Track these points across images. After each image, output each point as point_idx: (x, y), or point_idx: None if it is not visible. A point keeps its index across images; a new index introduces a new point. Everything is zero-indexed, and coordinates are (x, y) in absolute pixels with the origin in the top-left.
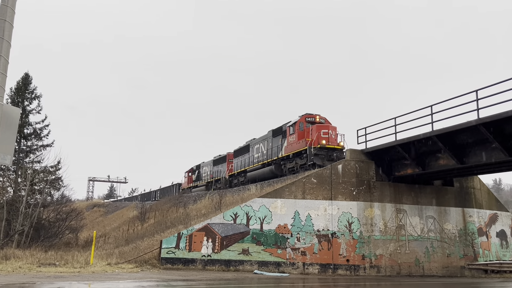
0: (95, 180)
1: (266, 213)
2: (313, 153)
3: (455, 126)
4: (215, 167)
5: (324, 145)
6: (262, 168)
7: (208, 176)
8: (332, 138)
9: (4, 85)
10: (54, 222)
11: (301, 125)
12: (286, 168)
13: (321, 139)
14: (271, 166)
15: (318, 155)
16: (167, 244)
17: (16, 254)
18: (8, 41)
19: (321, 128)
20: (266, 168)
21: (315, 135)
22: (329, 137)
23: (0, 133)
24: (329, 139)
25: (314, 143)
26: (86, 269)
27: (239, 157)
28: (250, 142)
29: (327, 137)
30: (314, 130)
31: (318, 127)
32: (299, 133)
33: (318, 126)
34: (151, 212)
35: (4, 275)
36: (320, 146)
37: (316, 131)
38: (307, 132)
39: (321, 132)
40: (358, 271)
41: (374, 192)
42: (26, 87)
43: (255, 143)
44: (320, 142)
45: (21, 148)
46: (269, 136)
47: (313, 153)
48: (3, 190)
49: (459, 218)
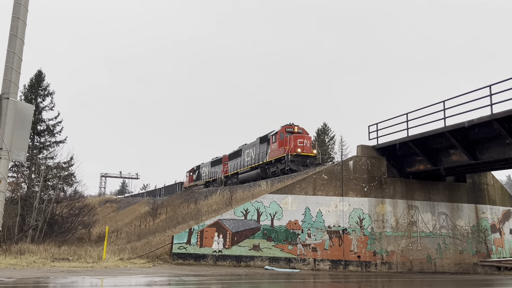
0: (107, 176)
1: (276, 209)
2: (290, 160)
3: (468, 122)
4: (212, 168)
5: (299, 153)
6: (250, 171)
7: (206, 176)
8: (306, 147)
9: (18, 82)
10: (67, 218)
11: (281, 135)
12: (270, 171)
13: (297, 148)
14: (258, 170)
15: (294, 161)
16: (179, 240)
17: (30, 249)
18: (21, 38)
19: (298, 138)
20: (253, 171)
21: (292, 144)
22: (304, 146)
23: (14, 130)
24: (304, 147)
25: (291, 151)
26: (99, 264)
27: (232, 160)
28: (242, 147)
29: (302, 145)
30: (292, 140)
31: (295, 137)
32: (280, 142)
33: (295, 136)
34: (163, 208)
35: (19, 269)
36: (296, 153)
37: (293, 141)
38: (286, 141)
39: (297, 141)
40: (369, 268)
41: (385, 188)
42: (39, 84)
43: (246, 148)
44: (296, 150)
45: (35, 145)
46: (257, 142)
47: (289, 159)
48: (18, 186)
49: (472, 215)
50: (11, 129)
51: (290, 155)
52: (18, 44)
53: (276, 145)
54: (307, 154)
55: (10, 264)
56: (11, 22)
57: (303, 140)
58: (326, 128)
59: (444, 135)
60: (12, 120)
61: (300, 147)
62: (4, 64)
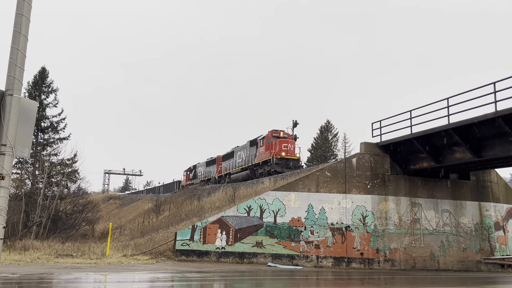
0: (111, 172)
1: (279, 206)
2: (275, 162)
3: (472, 119)
4: (207, 167)
5: (283, 156)
6: (241, 172)
7: (202, 175)
8: (290, 151)
9: (21, 79)
10: (71, 214)
11: (268, 139)
12: (258, 172)
13: (282, 151)
14: (247, 171)
15: (279, 164)
16: (182, 236)
17: (34, 245)
18: (25, 35)
19: (282, 142)
20: (244, 172)
21: (277, 148)
22: (288, 150)
23: (18, 126)
24: (288, 151)
25: (276, 154)
26: (102, 261)
27: (226, 161)
28: (234, 149)
29: (286, 149)
30: (277, 144)
31: (280, 142)
32: (267, 146)
33: (280, 140)
34: (166, 205)
35: (23, 265)
36: (281, 157)
37: (278, 145)
38: (272, 145)
39: (282, 145)
40: (372, 265)
41: (388, 186)
42: (43, 81)
43: (238, 150)
44: (280, 154)
45: (39, 141)
46: (247, 145)
47: (275, 162)
48: (22, 183)
49: (475, 212)
50: (15, 125)
51: (275, 158)
52: (21, 41)
53: (263, 148)
54: (291, 157)
55: (14, 260)
56: (14, 18)
57: (287, 145)
58: (329, 125)
59: (448, 132)
60: (16, 117)
61: (284, 151)
62: (8, 61)
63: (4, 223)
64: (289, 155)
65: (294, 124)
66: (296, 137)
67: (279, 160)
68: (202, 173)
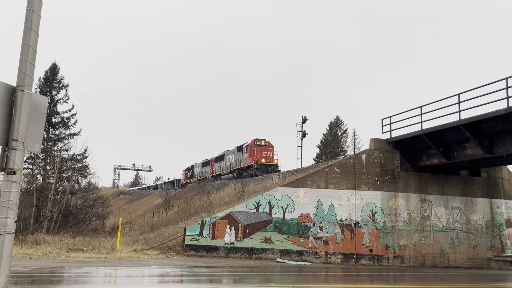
0: (121, 168)
1: (288, 202)
2: (256, 168)
3: (483, 115)
4: (203, 168)
5: (263, 163)
6: (229, 174)
7: (198, 175)
8: (269, 157)
9: (32, 75)
10: (82, 209)
11: (251, 147)
12: (243, 175)
13: (262, 158)
14: (235, 173)
15: (259, 169)
16: (191, 232)
17: (45, 240)
18: (36, 31)
19: (263, 150)
20: (231, 174)
21: (258, 155)
22: (267, 157)
23: (29, 122)
24: (267, 158)
25: (257, 160)
26: (112, 255)
27: (218, 163)
28: (225, 153)
29: (266, 156)
30: (258, 152)
31: (261, 150)
32: (250, 152)
33: (261, 148)
34: (175, 200)
35: (34, 259)
36: (261, 163)
37: (259, 152)
38: (254, 152)
39: (262, 153)
40: (381, 261)
41: (398, 182)
42: (54, 77)
43: (227, 154)
44: (261, 160)
45: (50, 137)
46: (235, 150)
47: (255, 167)
48: (33, 178)
49: (486, 209)
50: (26, 121)
51: (256, 164)
52: (32, 37)
53: (247, 155)
54: (270, 163)
55: (26, 254)
56: (25, 14)
57: (267, 152)
58: (339, 121)
59: (458, 128)
60: (27, 112)
61: (264, 158)
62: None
63: (16, 217)
64: (268, 161)
65: (303, 120)
66: (305, 134)
67: (260, 166)
68: (198, 172)
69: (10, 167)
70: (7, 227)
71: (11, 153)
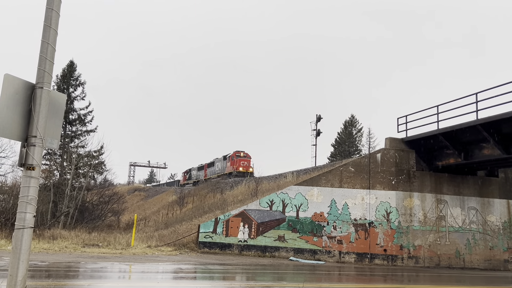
0: (136, 165)
1: (302, 201)
2: (235, 175)
3: (501, 115)
4: (198, 172)
5: (241, 171)
6: (217, 178)
7: (194, 177)
8: (246, 166)
9: (51, 72)
10: (97, 205)
11: (232, 158)
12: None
13: (240, 167)
14: (221, 177)
15: (238, 176)
16: (205, 229)
17: (62, 235)
18: (54, 29)
19: (241, 160)
20: (219, 178)
21: (237, 164)
22: (244, 166)
23: (47, 118)
24: (244, 167)
25: (237, 168)
26: (127, 251)
27: (210, 168)
28: (214, 160)
29: (243, 165)
30: (238, 161)
31: (239, 160)
32: (231, 162)
33: (240, 159)
34: (189, 197)
35: (51, 253)
36: (239, 170)
37: (238, 162)
38: (234, 162)
39: (241, 163)
40: (395, 261)
41: (413, 182)
42: (71, 74)
43: (217, 161)
44: (239, 169)
45: (67, 133)
46: (222, 159)
47: (234, 174)
48: (50, 173)
49: (504, 210)
50: (45, 117)
51: (236, 171)
52: (51, 35)
53: (229, 163)
54: (246, 171)
55: (43, 249)
56: (45, 13)
57: (244, 162)
58: (354, 120)
59: (476, 128)
60: (45, 109)
61: (242, 167)
62: (39, 54)
63: (34, 212)
64: (245, 169)
65: (318, 118)
66: (319, 132)
67: (238, 173)
68: (194, 175)
69: (29, 163)
70: (26, 221)
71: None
